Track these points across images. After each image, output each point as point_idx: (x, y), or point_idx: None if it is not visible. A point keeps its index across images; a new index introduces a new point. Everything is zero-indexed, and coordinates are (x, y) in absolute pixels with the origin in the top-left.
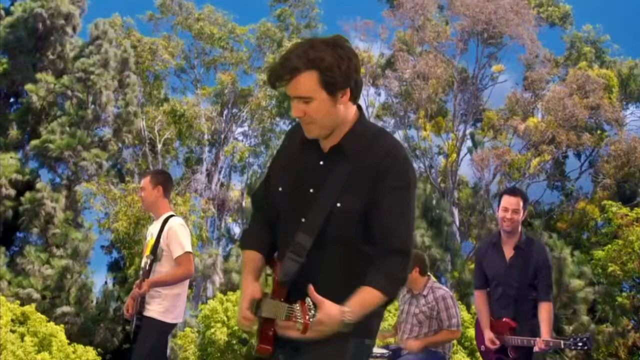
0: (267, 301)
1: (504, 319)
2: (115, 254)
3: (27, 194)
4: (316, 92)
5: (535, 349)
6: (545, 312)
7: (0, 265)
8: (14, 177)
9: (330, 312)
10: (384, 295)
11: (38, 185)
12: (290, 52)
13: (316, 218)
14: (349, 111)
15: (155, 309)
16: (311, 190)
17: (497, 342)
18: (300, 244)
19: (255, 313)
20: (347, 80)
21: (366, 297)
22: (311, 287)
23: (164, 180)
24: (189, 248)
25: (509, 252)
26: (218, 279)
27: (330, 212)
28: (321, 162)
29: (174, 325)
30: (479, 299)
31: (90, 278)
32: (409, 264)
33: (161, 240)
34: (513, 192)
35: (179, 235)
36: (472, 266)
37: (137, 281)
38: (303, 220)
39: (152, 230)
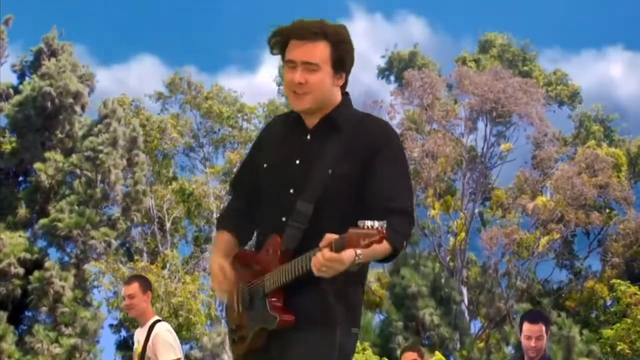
0: (266, 277)
1: None
2: (124, 333)
3: (36, 273)
4: (325, 63)
5: None
6: None
7: (9, 344)
8: (23, 256)
9: (348, 252)
10: (390, 246)
11: (47, 264)
12: (305, 21)
13: (312, 186)
14: (337, 96)
15: None
16: (297, 162)
17: None
18: (301, 212)
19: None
20: (349, 66)
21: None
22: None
23: (150, 285)
24: (180, 354)
25: None
26: (227, 357)
27: (325, 178)
28: (308, 137)
29: None
30: None
31: (99, 357)
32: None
33: (147, 348)
34: (535, 319)
35: (168, 341)
36: (481, 345)
37: None
38: (292, 191)
39: (139, 337)
